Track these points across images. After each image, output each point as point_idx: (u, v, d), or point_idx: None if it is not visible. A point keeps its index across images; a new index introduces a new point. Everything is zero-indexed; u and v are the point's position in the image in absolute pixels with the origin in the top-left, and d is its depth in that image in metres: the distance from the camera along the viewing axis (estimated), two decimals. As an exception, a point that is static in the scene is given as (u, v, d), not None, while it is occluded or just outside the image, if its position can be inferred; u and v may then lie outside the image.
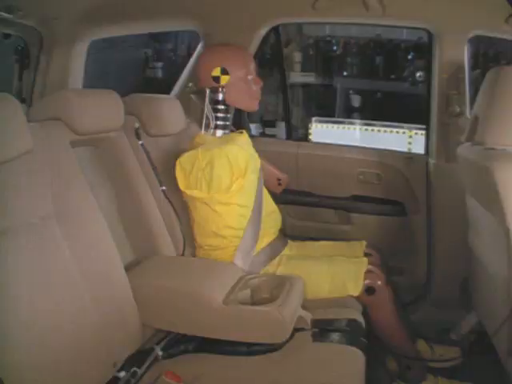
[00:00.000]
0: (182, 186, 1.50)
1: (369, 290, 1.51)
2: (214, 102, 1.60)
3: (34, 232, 1.06)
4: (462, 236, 1.70)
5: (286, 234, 1.84)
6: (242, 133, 1.66)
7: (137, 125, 1.52)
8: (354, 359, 1.27)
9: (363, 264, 1.55)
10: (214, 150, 1.46)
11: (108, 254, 1.24)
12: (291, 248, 1.73)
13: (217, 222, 1.52)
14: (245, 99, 1.64)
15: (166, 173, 1.59)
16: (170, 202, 1.51)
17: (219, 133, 1.58)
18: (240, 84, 1.61)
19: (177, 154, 1.58)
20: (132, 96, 1.58)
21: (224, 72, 1.59)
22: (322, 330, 1.34)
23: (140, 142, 1.50)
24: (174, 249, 1.51)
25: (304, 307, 1.36)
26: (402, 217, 2.06)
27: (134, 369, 1.22)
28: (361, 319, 1.44)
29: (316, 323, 1.35)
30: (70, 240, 1.14)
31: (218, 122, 1.59)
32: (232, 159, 1.45)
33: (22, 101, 1.87)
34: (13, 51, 1.86)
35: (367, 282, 1.51)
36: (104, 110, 1.37)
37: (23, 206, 1.07)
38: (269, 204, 1.68)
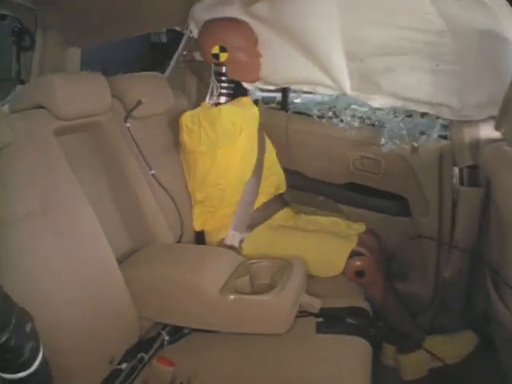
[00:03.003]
0: (189, 145, 1.59)
1: (359, 274, 1.52)
2: (219, 74, 1.68)
3: (19, 227, 1.05)
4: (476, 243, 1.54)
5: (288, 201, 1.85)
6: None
7: (124, 109, 1.51)
8: (361, 350, 1.23)
9: (350, 244, 1.55)
10: (212, 111, 1.57)
11: (98, 247, 1.22)
12: (287, 215, 1.76)
13: (218, 172, 1.60)
14: (246, 72, 1.72)
15: (157, 154, 1.59)
16: (161, 185, 1.52)
17: (223, 99, 1.68)
18: (239, 58, 1.67)
19: (167, 133, 1.64)
20: (116, 77, 1.54)
21: (222, 50, 1.65)
22: (327, 319, 1.30)
23: (127, 125, 1.48)
24: (172, 233, 1.51)
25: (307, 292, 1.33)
26: (405, 217, 1.76)
27: (142, 354, 1.25)
28: (367, 307, 1.41)
29: (320, 312, 1.32)
30: (58, 234, 1.12)
31: (222, 91, 1.68)
32: (230, 116, 1.57)
33: (22, 82, 1.85)
34: (10, 32, 1.82)
35: (357, 264, 1.52)
36: (89, 94, 1.34)
37: (7, 202, 1.05)
38: (269, 168, 1.74)
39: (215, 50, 1.66)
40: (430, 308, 1.75)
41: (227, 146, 1.57)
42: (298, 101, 1.98)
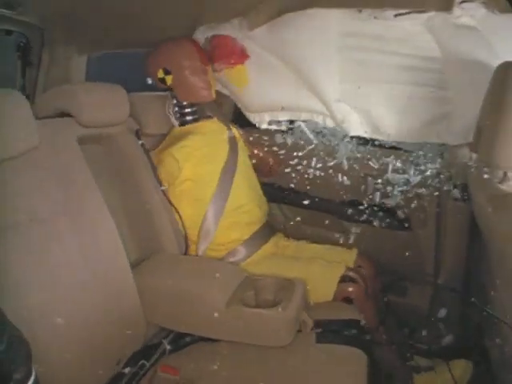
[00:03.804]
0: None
1: (347, 300, 1.52)
2: (178, 101, 1.66)
3: (39, 228, 1.08)
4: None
5: (280, 231, 1.85)
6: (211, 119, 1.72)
7: (136, 127, 1.56)
8: (357, 360, 1.27)
9: (338, 270, 1.54)
10: (162, 154, 1.57)
11: (114, 251, 1.27)
12: (276, 244, 1.73)
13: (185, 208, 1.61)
14: (194, 92, 1.63)
15: None
16: (169, 201, 1.57)
17: (187, 124, 1.67)
18: (184, 77, 1.61)
19: None
20: (130, 95, 1.57)
21: (167, 72, 1.60)
22: (325, 330, 1.35)
23: (140, 142, 1.52)
24: (178, 247, 1.55)
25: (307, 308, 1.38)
26: (405, 230, 1.81)
27: (143, 361, 1.26)
28: (362, 319, 1.44)
29: (319, 324, 1.36)
30: (76, 236, 1.16)
31: (187, 118, 1.67)
32: (173, 154, 1.56)
33: (26, 97, 1.87)
34: (15, 48, 1.85)
35: (346, 290, 1.52)
36: (110, 103, 1.40)
37: (29, 202, 1.09)
38: (242, 197, 1.67)
39: (160, 74, 1.61)
40: (428, 321, 1.76)
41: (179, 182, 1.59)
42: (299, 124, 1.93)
